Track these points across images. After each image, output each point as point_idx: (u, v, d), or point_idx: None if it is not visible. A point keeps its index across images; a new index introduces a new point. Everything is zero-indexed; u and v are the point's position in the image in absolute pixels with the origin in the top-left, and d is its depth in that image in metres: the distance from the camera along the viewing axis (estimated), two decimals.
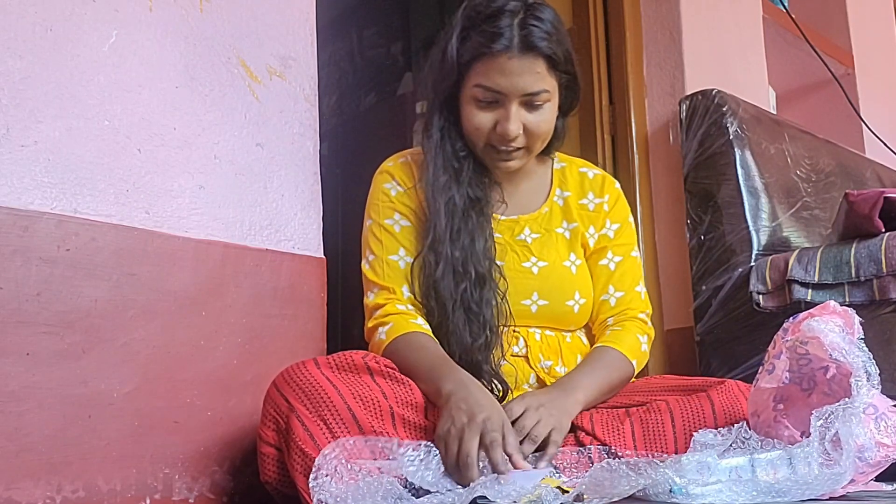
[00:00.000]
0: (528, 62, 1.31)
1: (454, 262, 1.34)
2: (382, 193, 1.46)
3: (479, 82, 1.33)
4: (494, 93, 1.33)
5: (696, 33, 2.34)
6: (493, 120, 1.35)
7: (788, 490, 1.00)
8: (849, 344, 1.07)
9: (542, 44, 1.31)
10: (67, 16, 1.25)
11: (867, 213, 1.76)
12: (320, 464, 1.05)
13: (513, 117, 1.33)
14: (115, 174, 1.28)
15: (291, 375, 1.17)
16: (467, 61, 1.34)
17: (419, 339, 1.31)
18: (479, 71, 1.33)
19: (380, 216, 1.44)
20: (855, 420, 1.02)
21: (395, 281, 1.38)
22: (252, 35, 1.50)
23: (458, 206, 1.37)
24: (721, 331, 2.03)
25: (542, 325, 1.42)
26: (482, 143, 1.38)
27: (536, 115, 1.35)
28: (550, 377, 1.40)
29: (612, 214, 1.52)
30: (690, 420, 1.26)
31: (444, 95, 1.39)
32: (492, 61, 1.31)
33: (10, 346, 1.13)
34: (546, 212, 1.49)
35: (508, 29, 1.30)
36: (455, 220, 1.36)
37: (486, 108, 1.35)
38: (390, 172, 1.47)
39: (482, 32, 1.32)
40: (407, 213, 1.43)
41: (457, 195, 1.38)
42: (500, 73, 1.31)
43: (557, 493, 1.00)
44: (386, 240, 1.42)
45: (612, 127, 2.35)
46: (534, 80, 1.32)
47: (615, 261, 1.50)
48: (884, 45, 3.32)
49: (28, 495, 1.12)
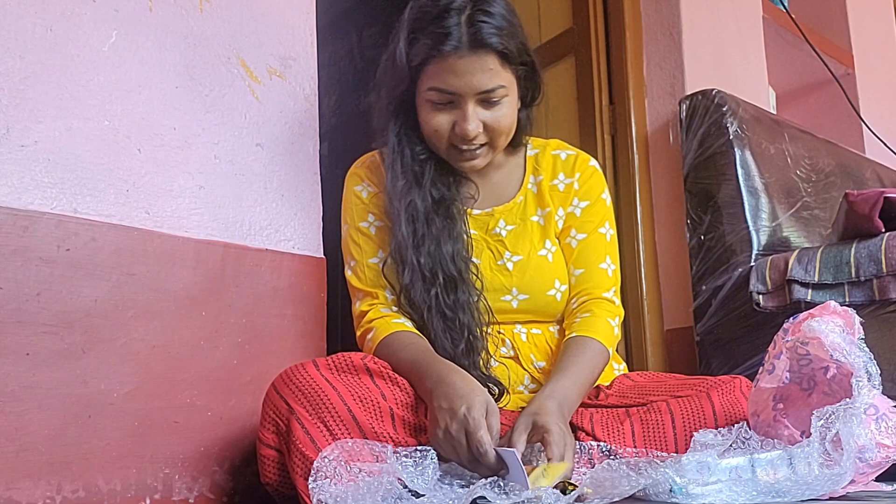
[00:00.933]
0: (479, 60, 1.28)
1: (421, 269, 1.33)
2: (354, 196, 1.46)
3: (432, 85, 1.31)
4: (448, 94, 1.30)
5: (696, 33, 2.34)
6: (450, 121, 1.33)
7: (788, 490, 1.00)
8: (849, 344, 1.07)
9: (492, 39, 1.28)
10: (67, 16, 1.25)
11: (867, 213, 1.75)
12: (319, 466, 1.04)
13: (470, 117, 1.31)
14: (115, 174, 1.28)
15: (291, 377, 1.17)
16: (418, 65, 1.31)
17: (401, 339, 1.31)
18: (430, 73, 1.31)
19: (354, 219, 1.44)
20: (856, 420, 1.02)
21: (377, 285, 1.38)
22: (252, 35, 1.50)
23: (420, 211, 1.35)
24: (721, 331, 2.03)
25: (526, 320, 1.41)
26: (443, 144, 1.36)
27: (495, 111, 1.33)
28: (544, 376, 1.39)
29: (581, 192, 1.48)
30: (690, 420, 1.26)
31: (397, 101, 1.38)
32: (442, 62, 1.28)
33: (10, 346, 1.13)
34: (521, 201, 1.47)
35: (456, 28, 1.27)
36: (418, 226, 1.35)
37: (442, 109, 1.33)
38: (359, 175, 1.48)
39: (430, 34, 1.29)
40: (380, 213, 1.43)
41: (418, 199, 1.36)
42: (451, 73, 1.29)
43: (558, 494, 0.99)
44: (363, 243, 1.42)
45: (612, 127, 2.35)
46: (488, 78, 1.29)
47: (578, 238, 1.45)
48: (884, 45, 3.31)
49: (28, 495, 1.12)
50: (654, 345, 2.22)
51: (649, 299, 2.23)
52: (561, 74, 2.45)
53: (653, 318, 2.23)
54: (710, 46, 2.38)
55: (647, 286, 2.23)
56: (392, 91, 1.38)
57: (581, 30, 2.42)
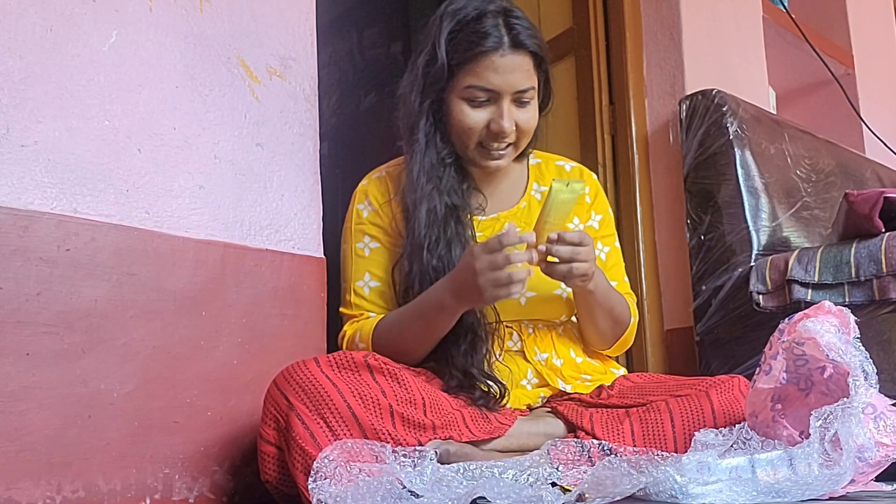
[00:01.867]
0: (518, 59, 1.35)
1: (430, 272, 1.36)
2: (356, 215, 1.50)
3: (471, 83, 1.36)
4: (488, 91, 1.36)
5: (696, 33, 2.34)
6: (486, 119, 1.38)
7: (788, 490, 1.00)
8: (845, 343, 1.07)
9: (529, 41, 1.36)
10: (67, 16, 1.25)
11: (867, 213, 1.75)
12: (318, 467, 1.05)
13: (506, 114, 1.37)
14: (115, 174, 1.28)
15: (292, 374, 1.18)
16: (458, 63, 1.37)
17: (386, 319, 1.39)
18: (470, 71, 1.36)
19: (352, 240, 1.49)
20: (854, 420, 1.02)
21: (361, 308, 1.44)
22: (252, 35, 1.50)
23: (439, 215, 1.40)
24: (721, 331, 2.03)
25: (533, 318, 1.44)
26: (473, 142, 1.41)
27: (525, 111, 1.39)
28: (548, 369, 1.41)
29: (596, 206, 1.56)
30: (690, 420, 1.26)
31: (430, 100, 1.42)
32: (484, 60, 1.35)
33: (10, 346, 1.13)
34: (524, 206, 1.51)
35: (496, 28, 1.35)
36: (435, 229, 1.39)
37: (478, 107, 1.38)
38: (365, 191, 1.52)
39: (471, 33, 1.35)
40: (376, 233, 1.47)
41: (439, 203, 1.40)
42: (493, 71, 1.35)
43: (559, 493, 0.99)
44: (355, 265, 1.47)
45: (612, 127, 2.35)
46: (524, 77, 1.36)
47: (605, 251, 1.55)
48: (884, 45, 3.31)
49: (28, 495, 1.12)
50: (654, 345, 2.22)
51: (649, 299, 2.23)
52: (561, 74, 2.45)
53: (653, 318, 2.23)
54: (710, 46, 2.38)
55: (647, 286, 2.24)
56: (427, 90, 1.42)
57: (581, 30, 2.42)
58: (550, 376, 1.41)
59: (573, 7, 2.46)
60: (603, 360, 1.54)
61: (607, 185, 2.29)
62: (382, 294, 1.45)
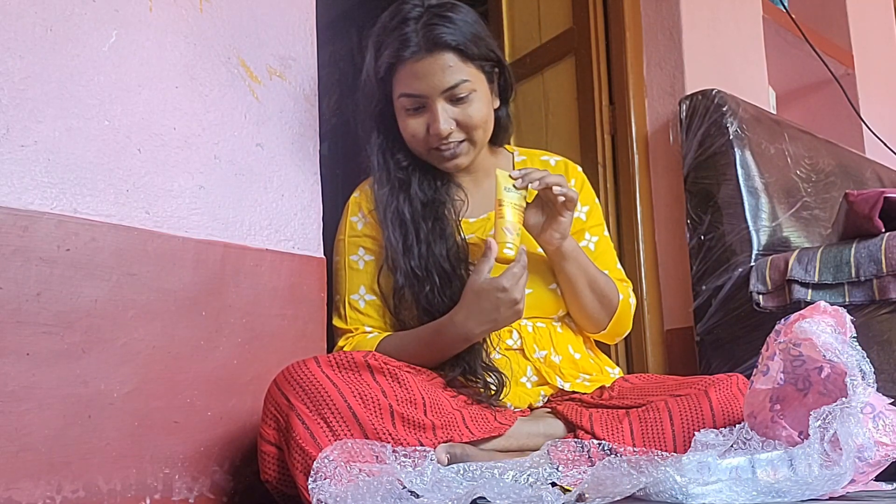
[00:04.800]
0: (436, 60, 1.35)
1: (413, 271, 1.38)
2: (349, 227, 1.51)
3: (401, 91, 1.38)
4: (416, 97, 1.37)
5: (696, 33, 2.34)
6: (424, 124, 1.39)
7: (788, 490, 1.00)
8: (841, 343, 1.07)
9: (446, 38, 1.34)
10: (67, 16, 1.25)
11: (867, 213, 1.75)
12: (318, 467, 1.05)
13: (440, 116, 1.37)
14: (115, 174, 1.28)
15: (292, 374, 1.18)
16: (385, 76, 1.39)
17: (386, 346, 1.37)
18: (398, 81, 1.38)
19: (345, 252, 1.49)
20: (853, 420, 1.02)
21: (356, 322, 1.45)
22: (252, 35, 1.50)
23: (407, 217, 1.41)
24: (721, 331, 2.03)
25: (530, 315, 1.44)
26: (423, 148, 1.42)
27: (464, 106, 1.38)
28: (546, 366, 1.42)
29: (582, 198, 1.56)
30: (689, 419, 1.26)
31: (375, 115, 1.44)
32: (405, 68, 1.36)
33: (10, 346, 1.13)
34: None
35: (413, 34, 1.35)
36: (407, 232, 1.40)
37: (415, 114, 1.39)
38: (358, 203, 1.53)
39: (390, 45, 1.36)
40: (371, 245, 1.48)
41: (404, 205, 1.41)
42: (414, 77, 1.36)
43: (558, 493, 0.99)
44: (349, 278, 1.48)
45: (612, 127, 2.35)
46: (448, 75, 1.35)
47: (593, 241, 1.55)
48: (884, 45, 3.31)
49: (28, 495, 1.12)
50: (654, 345, 2.22)
51: (649, 299, 2.23)
52: (561, 74, 2.45)
53: (653, 318, 2.23)
54: (710, 46, 2.38)
55: (647, 286, 2.24)
56: (367, 106, 1.45)
57: (581, 30, 2.42)
58: (549, 374, 1.42)
59: (573, 7, 2.46)
60: (600, 356, 1.54)
61: (607, 185, 2.29)
62: (378, 308, 1.45)
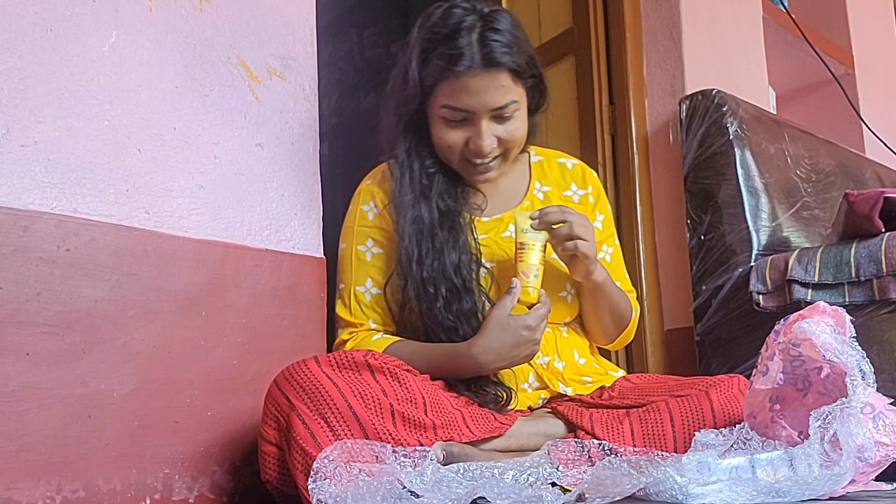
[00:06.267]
0: (492, 78, 1.30)
1: (424, 283, 1.35)
2: (359, 216, 1.47)
3: (445, 103, 1.33)
4: (462, 111, 1.33)
5: (696, 33, 2.34)
6: (464, 137, 1.36)
7: (788, 490, 1.00)
8: (841, 344, 1.07)
9: (504, 58, 1.30)
10: (67, 16, 1.25)
11: (867, 213, 1.75)
12: (318, 467, 1.05)
13: (484, 134, 1.34)
14: (115, 174, 1.28)
15: (292, 374, 1.17)
16: (431, 83, 1.34)
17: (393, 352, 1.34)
18: (444, 91, 1.33)
19: (354, 241, 1.46)
20: (853, 420, 1.02)
21: (361, 316, 1.42)
22: (252, 35, 1.50)
23: (426, 223, 1.37)
24: (721, 331, 2.03)
25: None
26: (456, 159, 1.39)
27: (508, 125, 1.36)
28: (549, 373, 1.41)
29: (599, 206, 1.55)
30: (690, 420, 1.26)
31: (408, 118, 1.40)
32: (456, 81, 1.31)
33: (10, 346, 1.13)
34: (527, 206, 1.50)
35: (468, 48, 1.29)
36: (423, 240, 1.36)
37: (456, 126, 1.35)
38: (370, 192, 1.49)
39: (443, 54, 1.31)
40: (380, 237, 1.45)
41: (425, 212, 1.38)
42: (465, 92, 1.31)
43: (558, 493, 0.99)
44: (356, 268, 1.44)
45: (612, 127, 2.35)
46: (501, 95, 1.32)
47: (609, 252, 1.54)
48: (884, 45, 3.31)
49: (28, 495, 1.12)
50: (654, 345, 2.22)
51: (649, 299, 2.23)
52: (561, 74, 2.45)
53: (653, 318, 2.23)
54: (710, 46, 2.38)
55: (647, 286, 2.24)
56: (402, 108, 1.40)
57: (581, 30, 2.42)
58: (552, 380, 1.41)
59: (573, 7, 2.46)
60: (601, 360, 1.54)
61: (607, 185, 2.29)
62: (384, 303, 1.43)
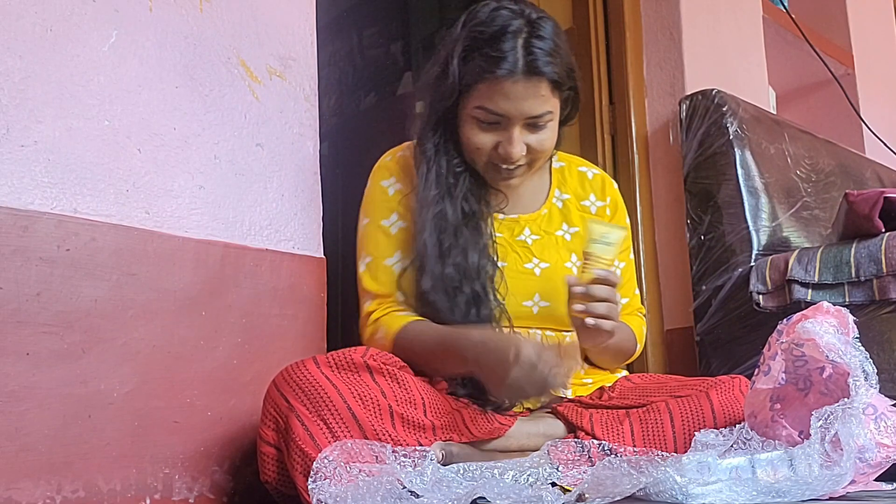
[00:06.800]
0: (532, 86, 1.29)
1: (446, 280, 1.32)
2: (380, 191, 1.44)
3: (481, 104, 1.31)
4: (497, 115, 1.31)
5: (696, 33, 2.34)
6: (494, 140, 1.33)
7: (788, 490, 1.00)
8: (844, 344, 1.07)
9: (546, 68, 1.28)
10: (67, 16, 1.25)
11: (867, 213, 1.76)
12: (318, 467, 1.04)
13: (515, 140, 1.32)
14: (115, 174, 1.28)
15: (291, 375, 1.17)
16: (469, 82, 1.31)
17: (419, 325, 1.32)
18: (481, 92, 1.30)
19: (377, 215, 1.43)
20: (855, 421, 1.02)
21: (390, 287, 1.38)
22: (252, 35, 1.50)
23: (450, 221, 1.35)
24: (721, 331, 2.03)
25: (543, 325, 1.42)
26: (483, 161, 1.37)
27: (539, 134, 1.34)
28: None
29: (617, 219, 1.53)
30: (690, 420, 1.26)
31: (440, 113, 1.37)
32: (496, 84, 1.28)
33: (10, 346, 1.13)
34: (545, 213, 1.48)
35: (512, 52, 1.27)
36: (445, 236, 1.34)
37: (487, 129, 1.33)
38: (389, 169, 1.45)
39: (485, 55, 1.28)
40: (405, 213, 1.41)
41: (449, 209, 1.36)
42: (503, 96, 1.29)
43: (558, 493, 0.99)
44: (382, 241, 1.41)
45: (612, 127, 2.35)
46: (538, 104, 1.30)
47: (620, 266, 1.52)
48: (884, 45, 3.31)
49: (28, 495, 1.12)
50: (654, 345, 2.22)
51: (649, 299, 2.23)
52: None
53: (653, 318, 2.23)
54: (710, 46, 2.38)
55: (647, 286, 2.24)
56: (437, 103, 1.37)
57: (581, 30, 2.42)
58: None
59: (573, 7, 2.46)
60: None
61: None
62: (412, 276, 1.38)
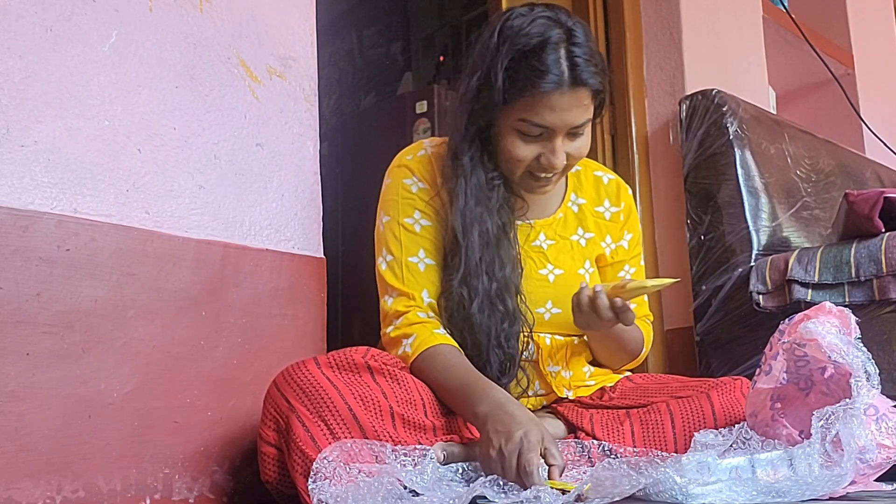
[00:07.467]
0: (576, 97, 1.28)
1: (490, 296, 1.31)
2: (403, 189, 1.41)
3: (524, 117, 1.29)
4: (542, 127, 1.30)
5: (696, 33, 2.34)
6: (536, 151, 1.32)
7: (789, 490, 1.00)
8: (847, 345, 1.07)
9: (591, 79, 1.28)
10: (67, 16, 1.25)
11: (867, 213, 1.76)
12: (318, 467, 1.04)
13: (559, 150, 1.31)
14: (115, 174, 1.28)
15: (292, 375, 1.17)
16: (514, 95, 1.29)
17: (446, 356, 1.28)
18: (524, 105, 1.29)
19: (399, 214, 1.40)
20: (856, 421, 1.02)
21: (415, 286, 1.35)
22: (252, 35, 1.50)
23: (493, 236, 1.34)
24: (721, 331, 2.03)
25: (553, 331, 1.42)
26: (521, 171, 1.35)
27: (577, 142, 1.33)
28: (556, 381, 1.40)
29: (629, 225, 1.53)
30: (690, 421, 1.26)
31: (479, 126, 1.36)
32: (542, 98, 1.27)
33: (10, 346, 1.13)
34: (560, 217, 1.47)
35: (556, 65, 1.26)
36: (489, 251, 1.33)
37: (530, 140, 1.32)
38: (410, 167, 1.43)
39: (530, 68, 1.27)
40: (428, 211, 1.40)
41: (490, 223, 1.35)
42: (549, 109, 1.28)
43: (558, 494, 0.99)
44: (405, 240, 1.38)
45: (612, 127, 2.35)
46: (581, 113, 1.30)
47: (631, 272, 1.53)
48: (884, 45, 3.32)
49: (28, 495, 1.12)
50: (654, 345, 2.22)
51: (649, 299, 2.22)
52: None
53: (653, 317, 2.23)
54: (710, 46, 2.38)
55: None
56: (475, 115, 1.35)
57: None
58: (558, 388, 1.40)
59: (573, 7, 2.46)
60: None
61: None
62: (437, 273, 1.37)
